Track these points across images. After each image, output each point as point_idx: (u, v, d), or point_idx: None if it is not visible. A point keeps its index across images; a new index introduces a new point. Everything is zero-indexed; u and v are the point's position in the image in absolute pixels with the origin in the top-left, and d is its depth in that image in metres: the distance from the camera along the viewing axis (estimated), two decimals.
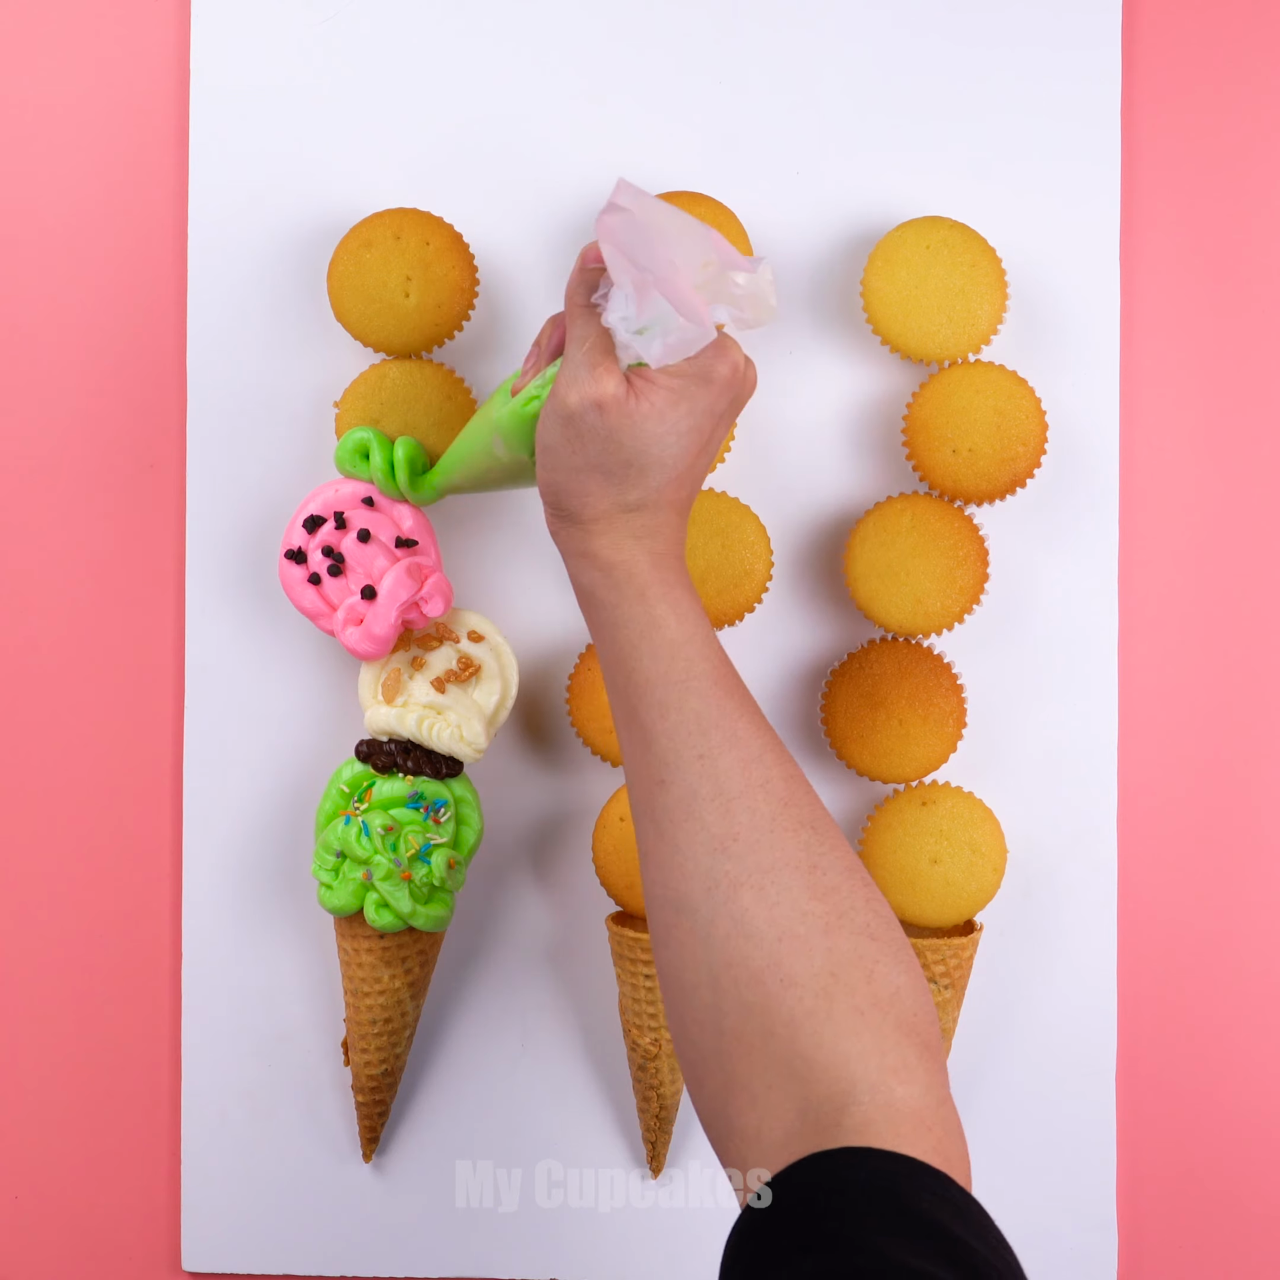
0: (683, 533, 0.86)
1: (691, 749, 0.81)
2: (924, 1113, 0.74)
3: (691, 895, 0.79)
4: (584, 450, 0.83)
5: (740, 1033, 0.77)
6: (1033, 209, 1.03)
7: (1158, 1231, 1.05)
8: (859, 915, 0.79)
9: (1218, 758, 1.04)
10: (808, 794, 0.82)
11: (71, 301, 1.05)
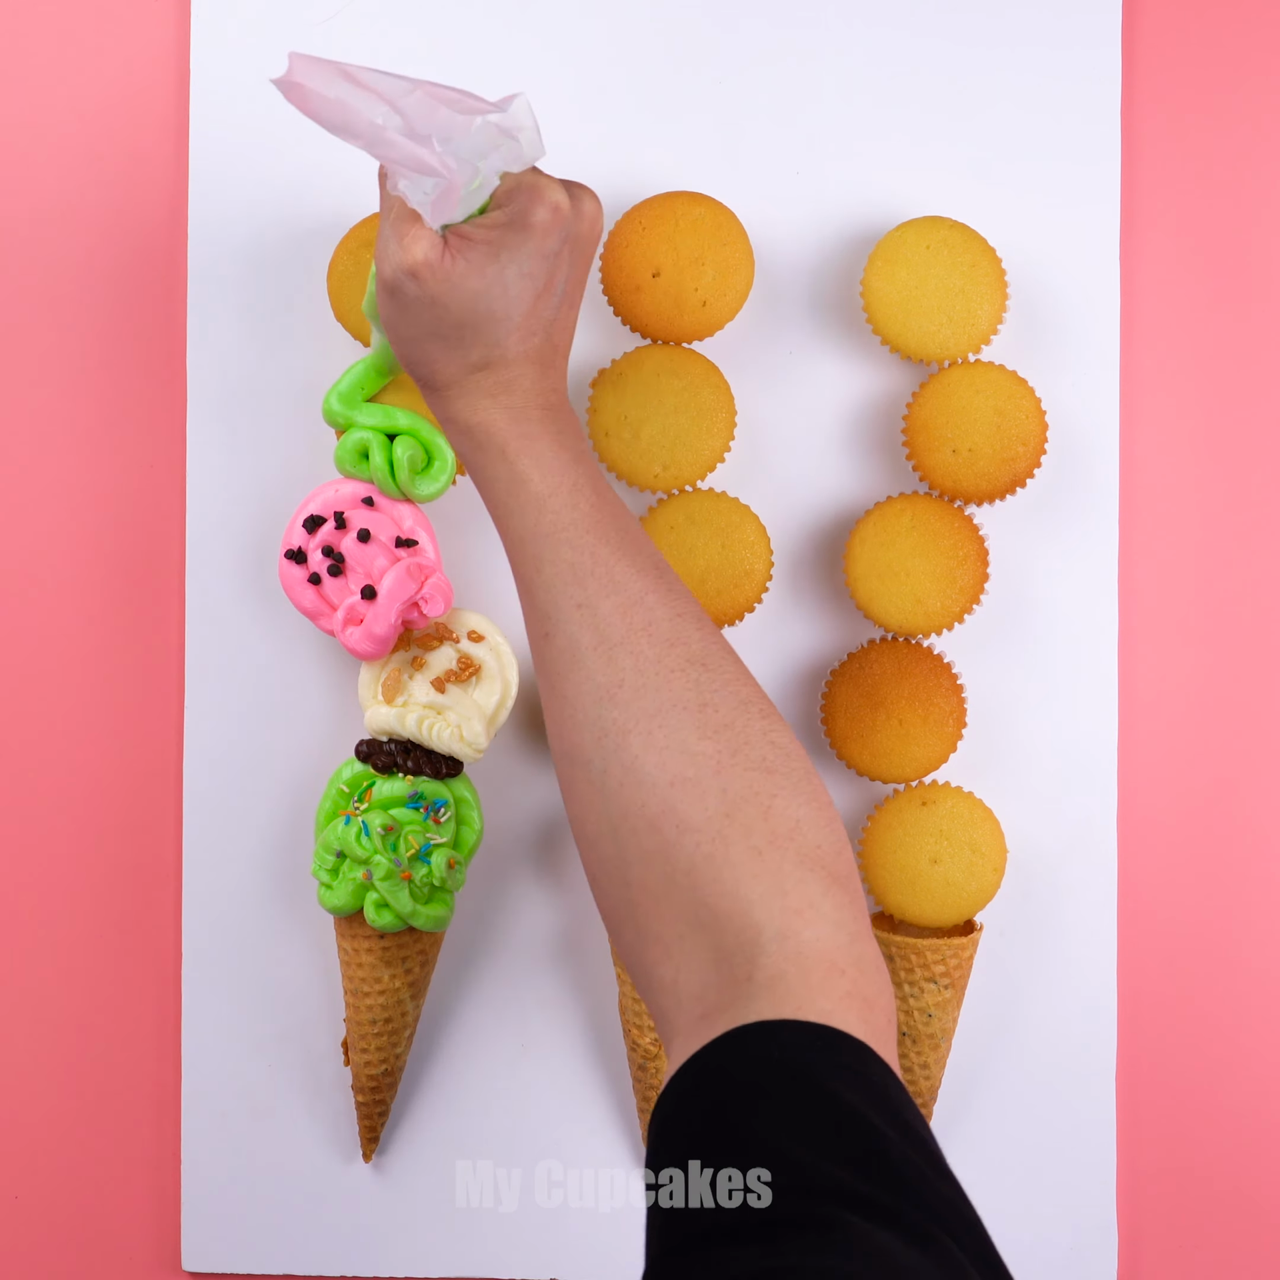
0: (546, 383, 0.84)
1: (569, 599, 0.80)
2: (835, 954, 0.72)
3: (583, 746, 0.78)
4: (415, 319, 0.82)
5: (645, 882, 0.76)
6: (1033, 209, 1.03)
7: (1158, 1231, 1.05)
8: (754, 750, 0.77)
9: (1218, 758, 1.04)
10: (699, 630, 0.80)
11: (72, 300, 1.05)
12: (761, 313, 1.03)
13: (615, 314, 1.01)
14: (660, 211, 1.00)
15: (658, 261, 0.99)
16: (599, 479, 0.83)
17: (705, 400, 1.00)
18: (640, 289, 1.00)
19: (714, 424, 1.00)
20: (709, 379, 1.00)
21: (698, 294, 0.99)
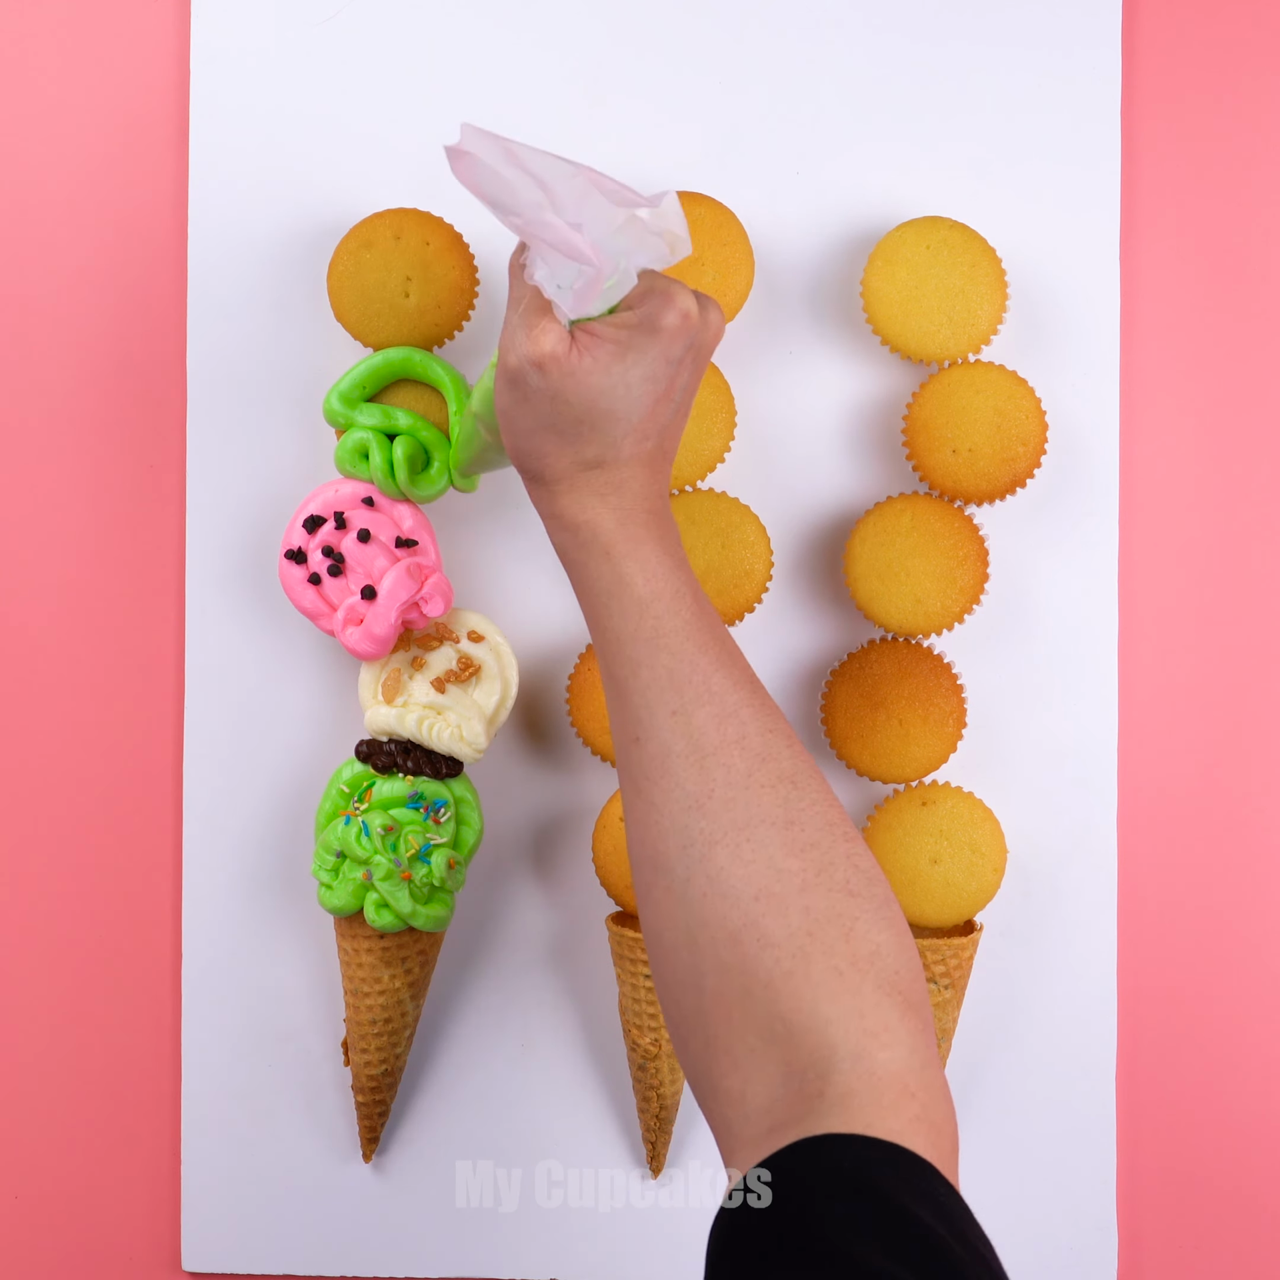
0: (654, 487, 0.85)
1: (664, 705, 0.80)
2: (907, 1077, 0.73)
3: (667, 854, 0.79)
4: (533, 411, 0.82)
5: (720, 993, 0.76)
6: (1033, 209, 1.03)
7: (1158, 1231, 1.05)
8: (838, 871, 0.77)
9: (1218, 757, 1.04)
10: (789, 747, 0.80)
11: (71, 300, 1.05)
12: (761, 313, 1.03)
13: None
14: None
15: None
16: (697, 587, 0.84)
17: (705, 400, 1.00)
18: None
19: (714, 424, 1.00)
20: (709, 379, 1.00)
21: None
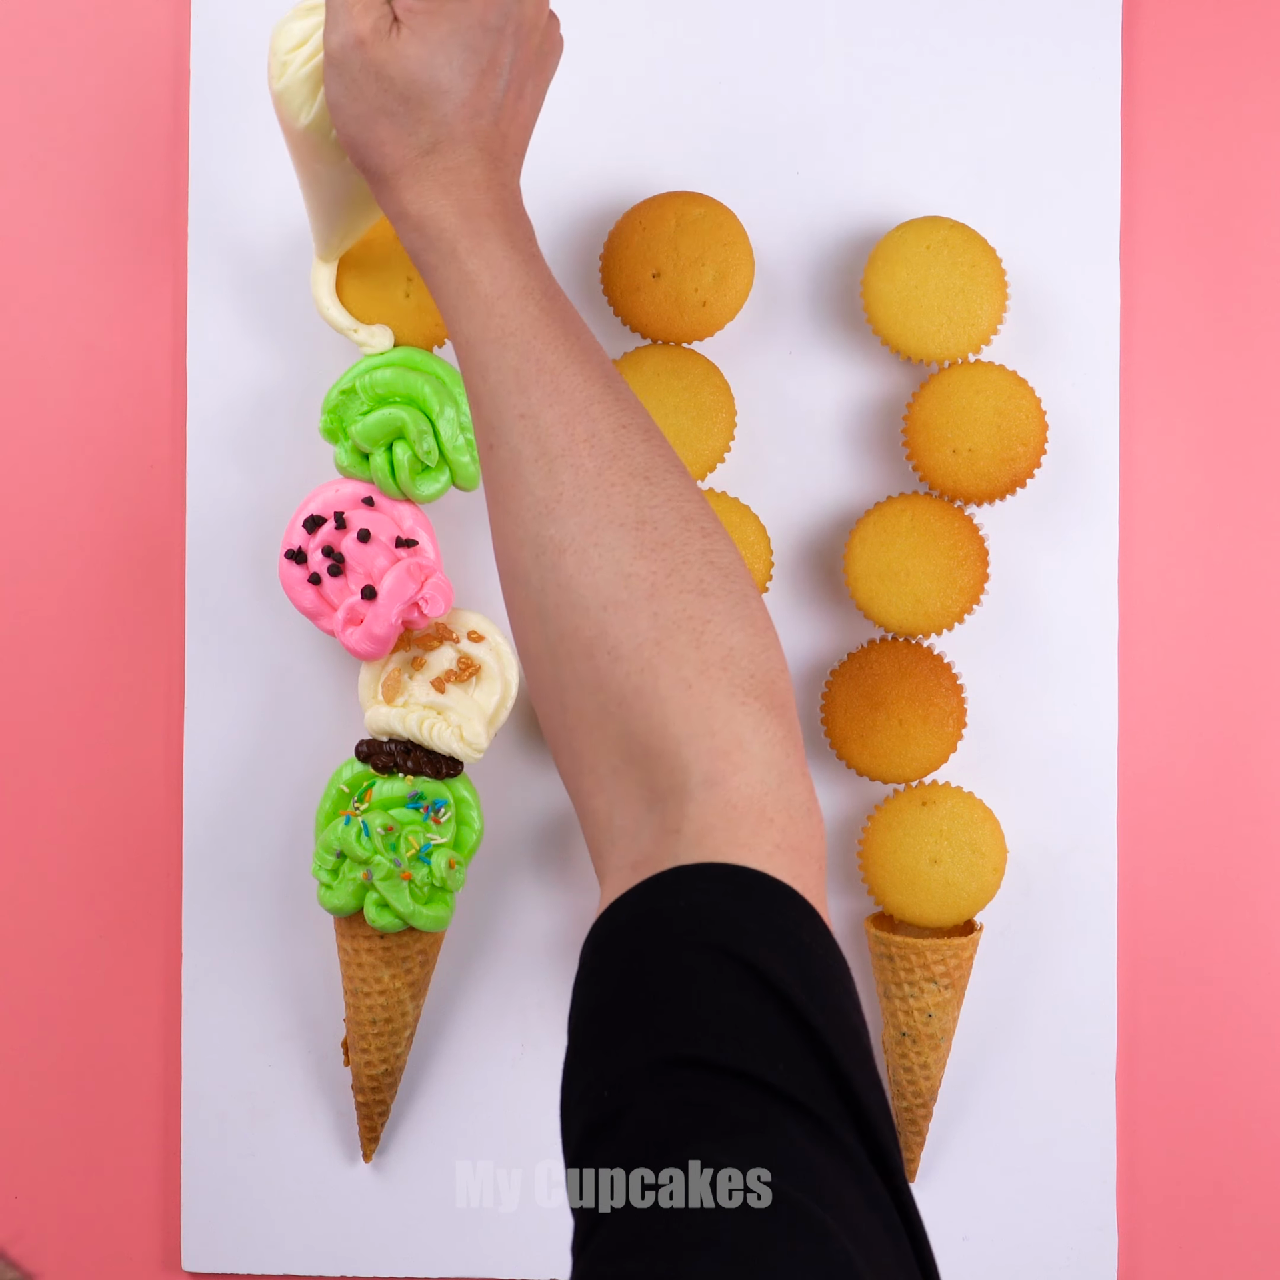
0: (498, 176, 0.81)
1: (512, 408, 0.77)
2: (765, 800, 0.70)
3: (523, 563, 0.76)
4: (361, 94, 0.81)
5: (580, 709, 0.73)
6: (1033, 209, 1.03)
7: (1158, 1231, 1.05)
8: (691, 570, 0.73)
9: (1218, 757, 1.04)
10: (645, 441, 0.76)
11: (71, 300, 1.05)
12: (761, 313, 1.03)
13: (615, 314, 1.01)
14: (660, 211, 1.00)
15: (658, 261, 1.00)
16: (551, 282, 0.80)
17: (705, 400, 1.00)
18: (640, 289, 1.00)
19: (714, 424, 1.00)
20: (709, 379, 1.00)
21: (698, 294, 0.99)
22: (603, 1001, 0.67)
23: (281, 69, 0.88)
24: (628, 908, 0.68)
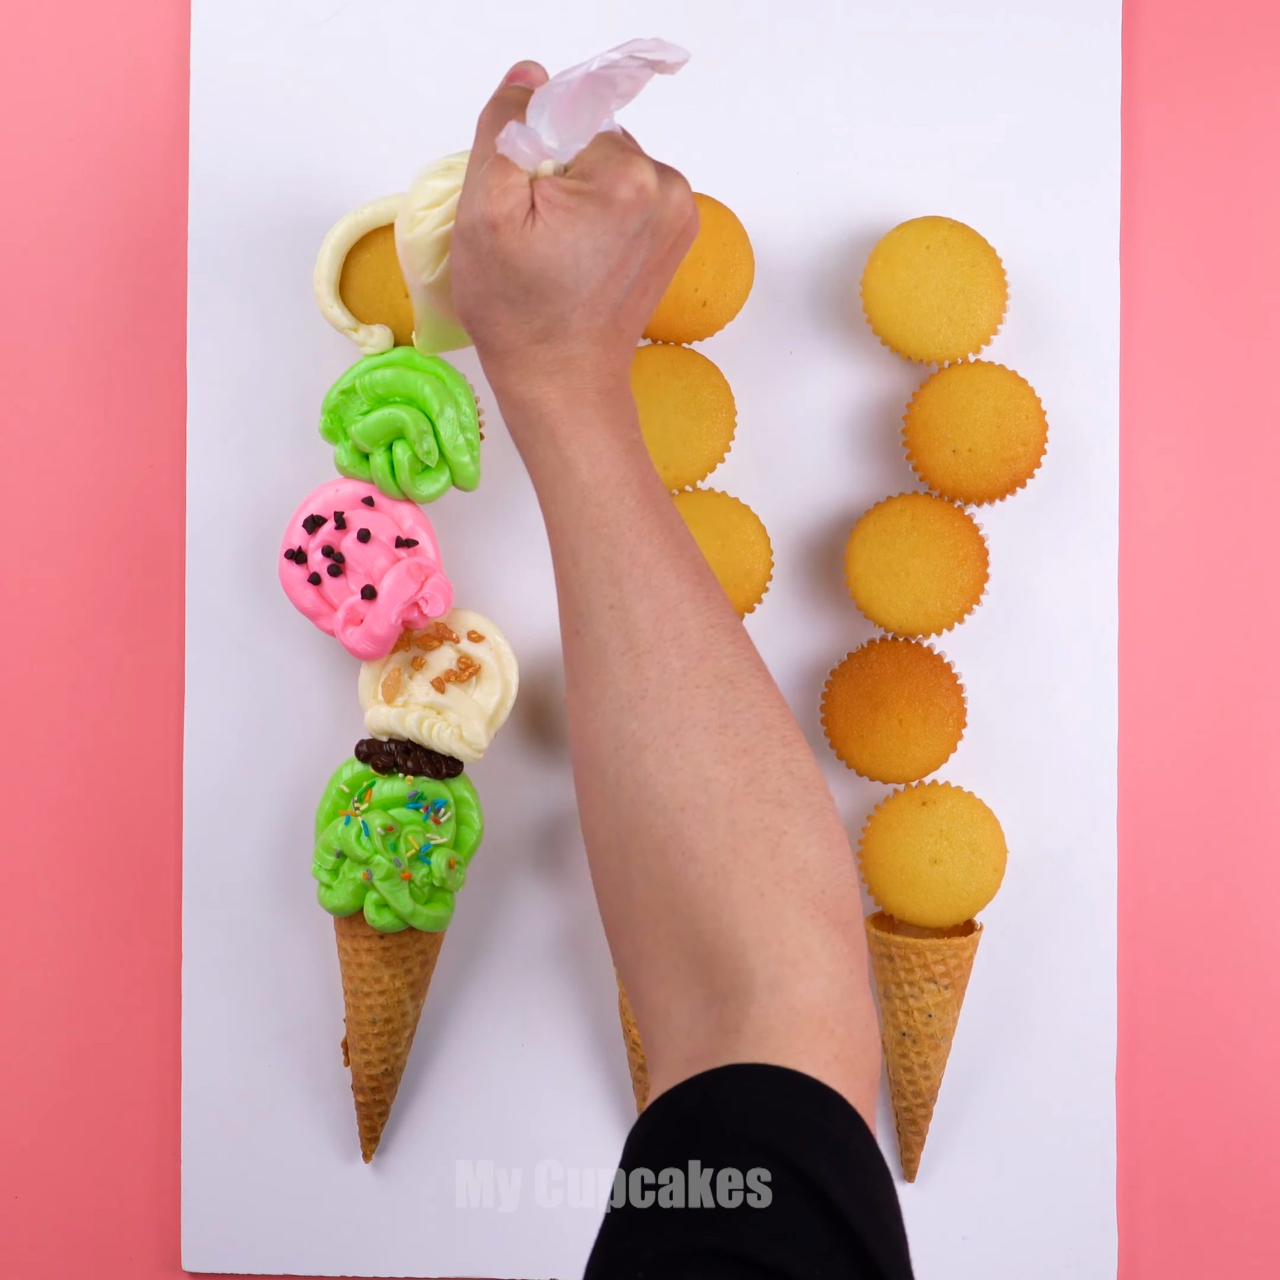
0: (607, 366, 0.82)
1: (603, 599, 0.77)
2: (826, 1011, 0.70)
3: (600, 754, 0.76)
4: (485, 275, 0.81)
5: (646, 904, 0.74)
6: (1033, 209, 1.03)
7: (1158, 1231, 1.05)
8: (770, 780, 0.74)
9: (1218, 757, 1.04)
10: (732, 644, 0.77)
11: (72, 300, 1.05)
12: (761, 313, 1.03)
13: None
14: None
15: None
16: (649, 474, 0.80)
17: (705, 400, 1.00)
18: None
19: (714, 424, 1.00)
20: (709, 379, 1.00)
21: (698, 294, 0.99)
22: (647, 1187, 0.67)
23: (412, 223, 0.89)
24: (681, 1095, 0.69)
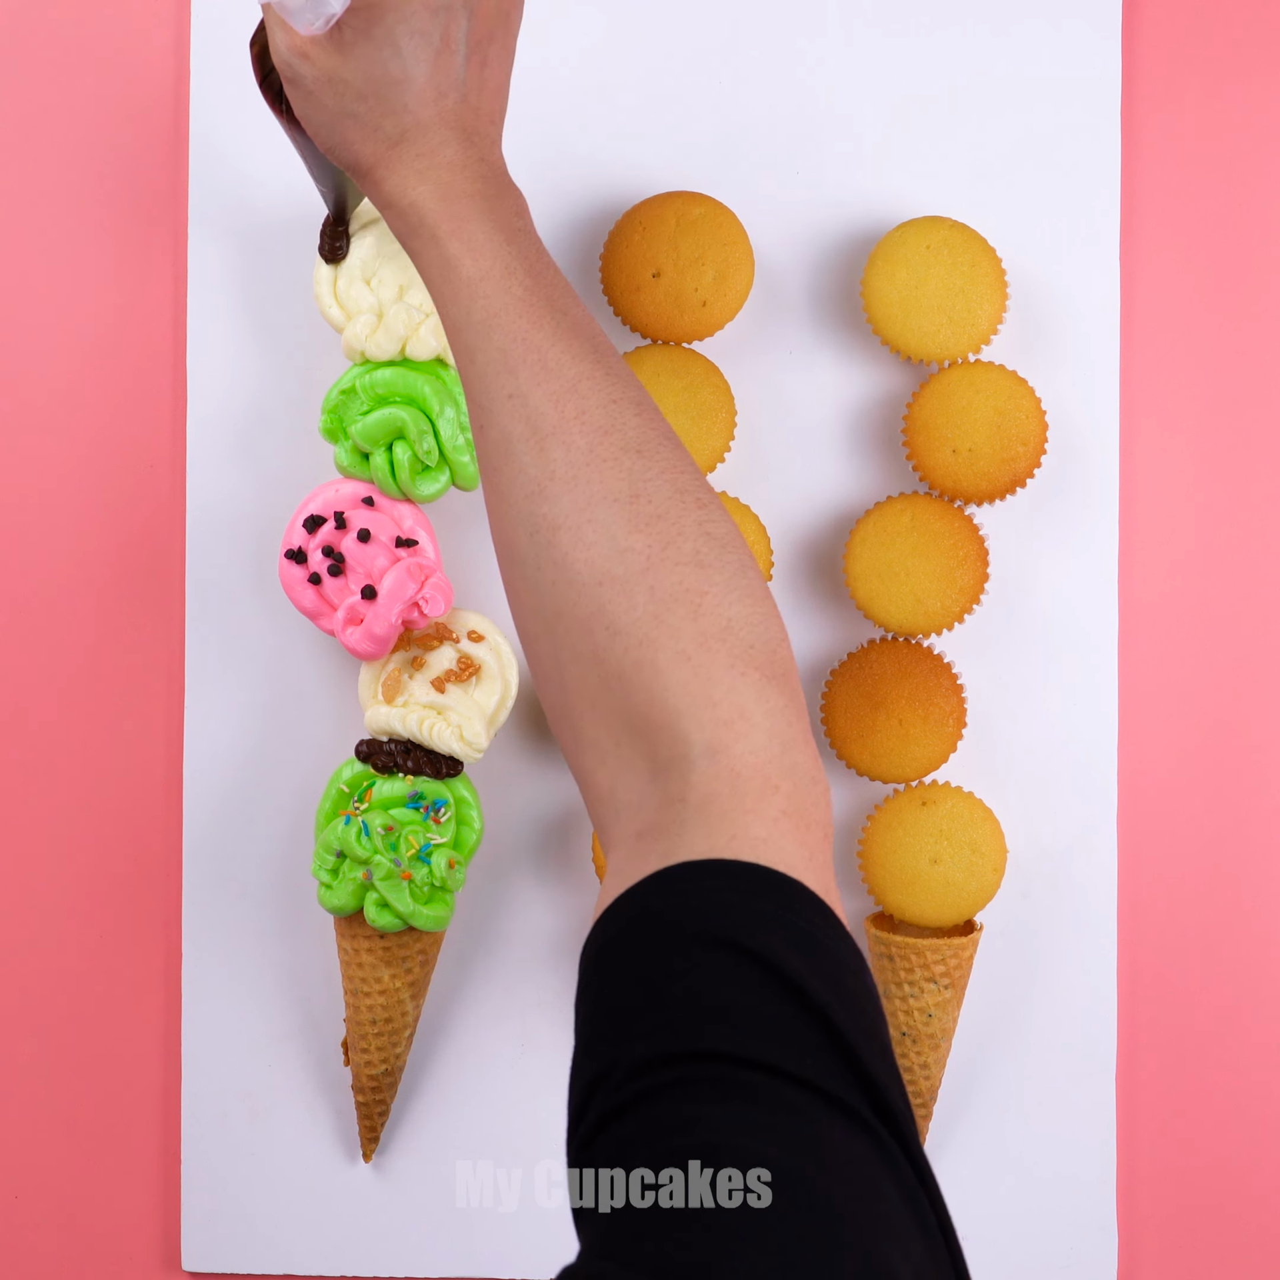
0: (474, 152, 0.80)
1: (501, 389, 0.76)
2: (769, 769, 0.69)
3: (518, 543, 0.75)
4: (320, 103, 0.80)
5: (580, 685, 0.73)
6: (1033, 209, 1.03)
7: (1158, 1231, 1.05)
8: (687, 542, 0.72)
9: (1218, 757, 1.04)
10: (637, 415, 0.75)
11: (71, 300, 1.05)
12: (761, 313, 1.03)
13: (615, 314, 1.01)
14: (660, 211, 1.00)
15: (658, 261, 1.00)
16: (536, 258, 0.79)
17: (705, 400, 1.00)
18: (640, 289, 1.00)
19: (714, 424, 1.00)
20: (709, 379, 1.00)
21: (698, 294, 0.99)
22: (614, 1001, 0.66)
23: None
24: (634, 904, 0.68)
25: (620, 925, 0.68)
